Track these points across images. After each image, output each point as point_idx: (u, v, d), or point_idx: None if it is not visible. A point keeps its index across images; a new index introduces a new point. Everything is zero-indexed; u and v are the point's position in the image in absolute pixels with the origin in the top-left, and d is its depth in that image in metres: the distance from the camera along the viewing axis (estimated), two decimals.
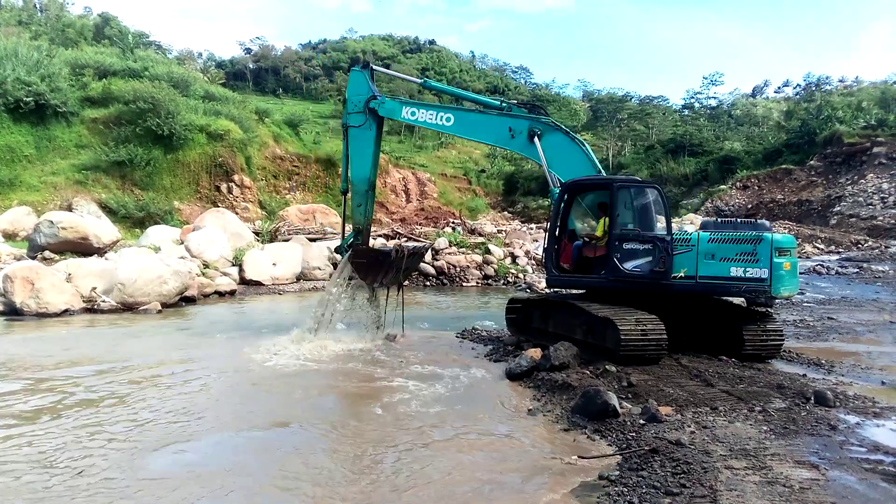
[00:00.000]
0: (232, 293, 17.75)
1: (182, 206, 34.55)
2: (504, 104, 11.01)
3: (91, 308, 14.45)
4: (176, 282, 15.53)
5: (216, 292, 17.40)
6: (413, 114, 10.99)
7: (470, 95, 12.36)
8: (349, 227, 12.12)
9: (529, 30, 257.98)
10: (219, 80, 67.41)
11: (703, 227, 9.58)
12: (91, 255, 18.50)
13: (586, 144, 10.47)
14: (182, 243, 19.48)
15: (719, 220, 10.06)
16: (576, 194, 10.43)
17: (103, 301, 14.56)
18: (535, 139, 10.26)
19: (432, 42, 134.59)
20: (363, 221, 11.50)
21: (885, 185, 42.35)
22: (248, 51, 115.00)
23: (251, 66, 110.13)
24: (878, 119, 52.82)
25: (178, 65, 55.54)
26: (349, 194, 11.57)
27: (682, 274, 9.04)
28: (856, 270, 24.55)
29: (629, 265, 9.30)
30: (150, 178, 34.53)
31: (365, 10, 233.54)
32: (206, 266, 18.53)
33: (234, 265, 19.41)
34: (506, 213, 63.89)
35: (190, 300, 16.17)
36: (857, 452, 5.77)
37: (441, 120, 10.86)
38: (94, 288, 14.79)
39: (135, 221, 30.66)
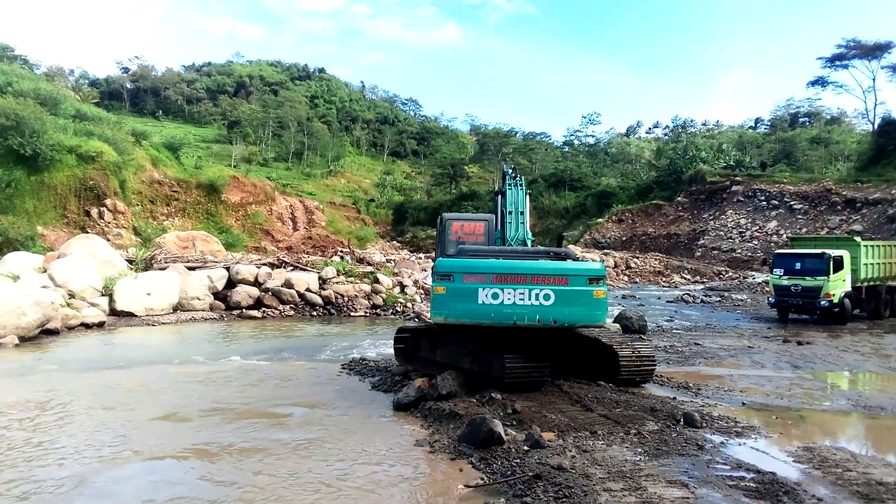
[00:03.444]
0: (101, 325, 16.61)
1: (46, 232, 32.08)
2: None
3: None
4: (36, 313, 14.35)
5: (83, 324, 16.25)
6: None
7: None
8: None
9: (421, 64, 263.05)
10: (92, 99, 63.85)
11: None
12: None
13: (514, 191, 11.10)
14: (45, 271, 18.04)
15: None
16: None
17: None
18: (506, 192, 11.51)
19: (322, 70, 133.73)
20: None
21: (742, 221, 46.16)
22: (125, 70, 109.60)
23: (129, 85, 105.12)
24: (736, 160, 57.87)
25: (47, 81, 52.05)
26: None
27: None
28: (718, 299, 26.44)
29: None
30: (9, 201, 31.90)
31: (254, 35, 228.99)
32: (72, 296, 17.25)
33: (103, 295, 18.19)
34: (395, 242, 64.08)
35: (53, 333, 15.01)
36: (722, 470, 6.16)
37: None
38: None
39: None
